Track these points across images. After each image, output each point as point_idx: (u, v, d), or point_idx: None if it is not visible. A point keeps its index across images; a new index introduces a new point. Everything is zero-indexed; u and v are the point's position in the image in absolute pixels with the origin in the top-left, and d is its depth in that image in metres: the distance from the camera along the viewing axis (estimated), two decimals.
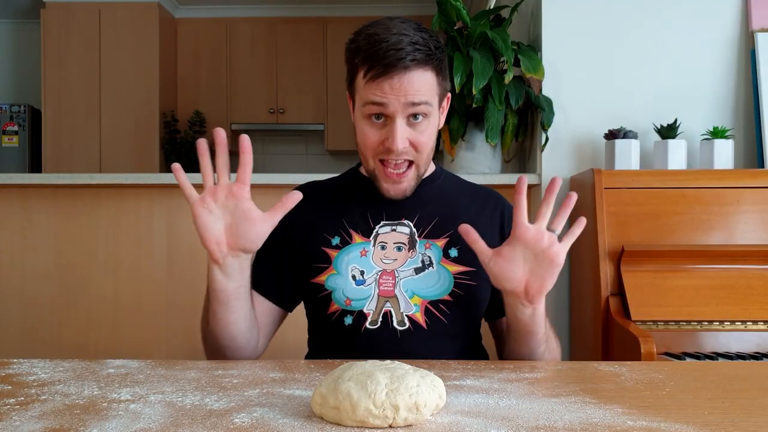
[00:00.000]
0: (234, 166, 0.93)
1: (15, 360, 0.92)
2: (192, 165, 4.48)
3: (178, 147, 4.52)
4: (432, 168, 1.13)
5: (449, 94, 1.09)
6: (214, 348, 1.01)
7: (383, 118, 0.99)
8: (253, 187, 2.49)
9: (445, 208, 1.09)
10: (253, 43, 4.76)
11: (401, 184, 1.02)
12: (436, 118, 1.03)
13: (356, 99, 1.03)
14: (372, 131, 1.00)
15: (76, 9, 4.40)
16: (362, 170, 1.12)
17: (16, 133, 4.40)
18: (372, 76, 0.96)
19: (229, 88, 4.76)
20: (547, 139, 2.13)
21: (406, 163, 1.02)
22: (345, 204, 1.10)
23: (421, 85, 0.97)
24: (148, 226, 2.27)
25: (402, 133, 0.97)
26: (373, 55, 0.95)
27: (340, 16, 4.68)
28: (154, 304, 2.26)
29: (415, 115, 0.98)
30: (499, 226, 1.11)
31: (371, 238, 1.05)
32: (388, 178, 1.02)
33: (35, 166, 4.47)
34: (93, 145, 4.40)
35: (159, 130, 4.41)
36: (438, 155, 1.35)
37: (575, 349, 2.09)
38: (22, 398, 0.72)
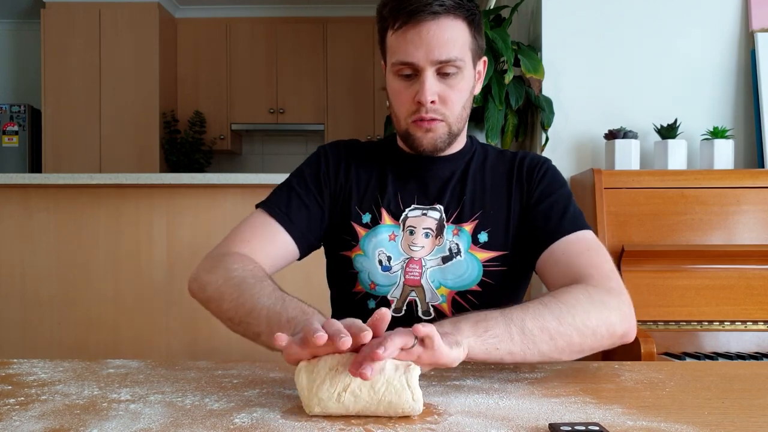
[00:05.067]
0: (233, 166, 0.91)
1: (15, 360, 0.92)
2: (191, 165, 4.49)
3: (178, 147, 4.52)
4: (464, 141, 1.09)
5: (485, 58, 1.04)
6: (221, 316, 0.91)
7: (413, 74, 0.96)
8: (253, 187, 2.49)
9: (476, 185, 1.06)
10: (253, 43, 4.76)
11: (432, 132, 0.98)
12: (470, 75, 0.99)
13: (387, 59, 1.00)
14: (403, 87, 0.97)
15: (76, 9, 4.40)
16: (399, 142, 1.10)
17: (16, 133, 4.40)
18: (400, 25, 0.94)
19: (229, 88, 4.76)
20: (547, 139, 2.13)
21: (435, 120, 0.98)
22: (382, 175, 1.07)
23: (450, 36, 0.93)
24: (148, 226, 2.28)
25: (431, 86, 0.94)
26: (402, 3, 0.93)
27: (340, 16, 4.68)
28: (154, 304, 2.26)
29: (445, 71, 0.95)
30: (519, 184, 1.06)
31: (400, 222, 1.03)
32: (419, 127, 0.98)
33: (35, 166, 4.47)
34: (93, 145, 4.40)
35: (159, 130, 4.41)
36: None
37: None
38: (22, 398, 0.72)
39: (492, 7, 2.25)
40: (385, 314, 0.67)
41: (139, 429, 0.60)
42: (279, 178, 2.17)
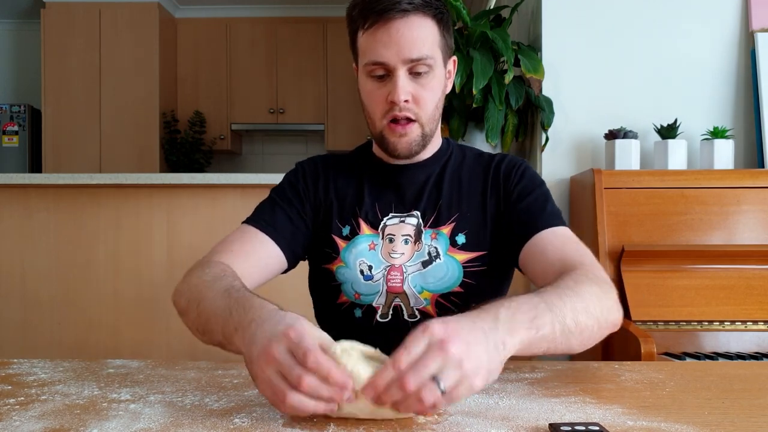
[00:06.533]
0: (233, 166, 0.91)
1: (15, 360, 0.92)
2: (191, 165, 4.48)
3: (178, 147, 4.52)
4: (439, 143, 1.09)
5: (455, 58, 1.05)
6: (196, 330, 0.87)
7: (385, 75, 0.96)
8: (253, 187, 2.48)
9: (452, 188, 1.06)
10: (253, 43, 4.76)
11: (406, 136, 0.98)
12: (441, 74, 0.99)
13: (359, 61, 1.00)
14: (375, 88, 0.97)
15: (76, 9, 4.40)
16: (374, 149, 1.10)
17: (16, 133, 4.40)
18: (369, 25, 0.94)
19: (229, 88, 4.76)
20: (547, 139, 2.13)
21: (409, 121, 0.98)
22: (358, 186, 1.08)
23: (420, 34, 0.93)
24: (148, 226, 2.27)
25: (404, 85, 0.94)
26: (370, 3, 0.94)
27: (340, 16, 4.64)
28: (154, 304, 2.26)
29: (417, 71, 0.95)
30: (495, 185, 1.06)
31: (379, 230, 1.04)
32: (393, 132, 0.98)
33: (35, 166, 4.47)
34: (93, 145, 4.40)
35: (159, 130, 4.41)
36: None
37: None
38: (22, 398, 0.72)
39: (492, 7, 2.25)
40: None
41: (139, 429, 0.60)
42: (278, 178, 2.17)
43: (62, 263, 2.28)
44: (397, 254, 1.02)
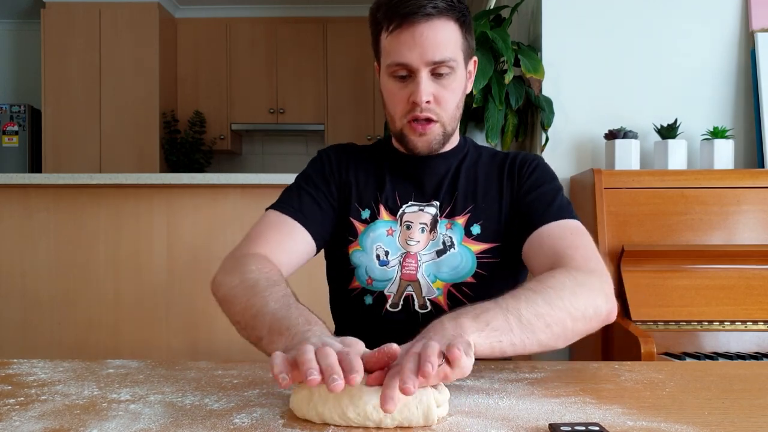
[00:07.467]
0: (233, 166, 0.91)
1: (15, 360, 0.92)
2: (191, 165, 4.49)
3: (178, 147, 4.52)
4: (457, 138, 1.11)
5: (475, 58, 1.07)
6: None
7: (407, 75, 0.97)
8: (253, 187, 2.48)
9: (468, 182, 1.07)
10: (253, 43, 4.76)
11: (426, 135, 1.00)
12: (462, 75, 1.01)
13: (381, 61, 1.02)
14: (398, 88, 0.99)
15: (76, 9, 4.40)
16: (394, 142, 1.11)
17: (16, 133, 4.40)
18: (394, 28, 0.95)
19: (229, 88, 4.76)
20: (547, 139, 2.13)
21: (430, 122, 1.00)
22: (379, 174, 1.09)
23: (443, 37, 0.95)
24: (148, 226, 2.27)
25: (426, 87, 0.96)
26: (395, 6, 0.95)
27: (340, 16, 4.68)
28: (154, 304, 2.26)
29: (439, 72, 0.96)
30: (510, 179, 1.07)
31: (397, 217, 1.05)
32: (414, 131, 1.00)
33: (35, 166, 4.47)
34: (93, 145, 4.40)
35: (159, 130, 4.41)
36: None
37: (575, 349, 2.08)
38: (22, 398, 0.72)
39: (492, 7, 2.25)
40: (395, 352, 0.63)
41: (139, 429, 0.60)
42: (279, 178, 2.18)
43: (62, 263, 2.28)
44: (414, 242, 1.03)
